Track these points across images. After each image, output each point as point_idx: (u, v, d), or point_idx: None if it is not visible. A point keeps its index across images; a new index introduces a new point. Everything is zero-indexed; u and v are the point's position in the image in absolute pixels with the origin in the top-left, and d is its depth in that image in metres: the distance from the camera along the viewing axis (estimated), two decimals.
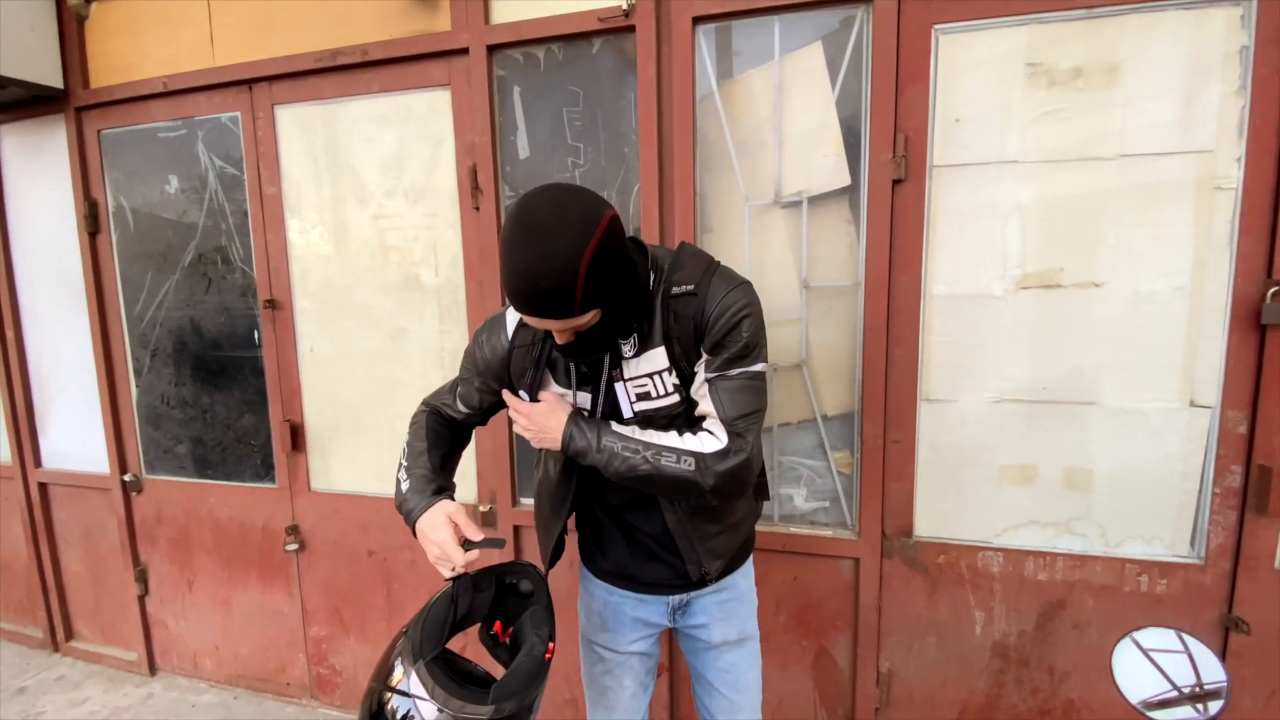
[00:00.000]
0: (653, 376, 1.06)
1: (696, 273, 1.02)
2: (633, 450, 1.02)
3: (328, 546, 2.20)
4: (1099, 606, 1.55)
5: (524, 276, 0.85)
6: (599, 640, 1.28)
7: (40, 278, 2.46)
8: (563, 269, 0.84)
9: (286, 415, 2.16)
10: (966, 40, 1.48)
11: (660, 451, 1.01)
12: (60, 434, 2.55)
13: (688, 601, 1.23)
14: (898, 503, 1.64)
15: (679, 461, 1.01)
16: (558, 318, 0.89)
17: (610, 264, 0.89)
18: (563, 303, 0.86)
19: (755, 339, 1.02)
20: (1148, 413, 1.48)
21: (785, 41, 1.58)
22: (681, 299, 1.01)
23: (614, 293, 0.93)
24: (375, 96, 1.92)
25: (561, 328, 0.93)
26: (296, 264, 2.09)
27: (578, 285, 0.85)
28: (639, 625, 1.25)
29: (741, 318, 0.99)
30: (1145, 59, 1.39)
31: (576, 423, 1.05)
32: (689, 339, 1.02)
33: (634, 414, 1.08)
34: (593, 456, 1.03)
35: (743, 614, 1.26)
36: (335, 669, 2.28)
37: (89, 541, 2.58)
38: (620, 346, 1.05)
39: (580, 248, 0.84)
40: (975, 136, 1.49)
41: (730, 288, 1.01)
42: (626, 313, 1.01)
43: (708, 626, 1.24)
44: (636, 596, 1.24)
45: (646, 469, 1.01)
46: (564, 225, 0.85)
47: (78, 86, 2.21)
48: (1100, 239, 1.45)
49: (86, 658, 2.66)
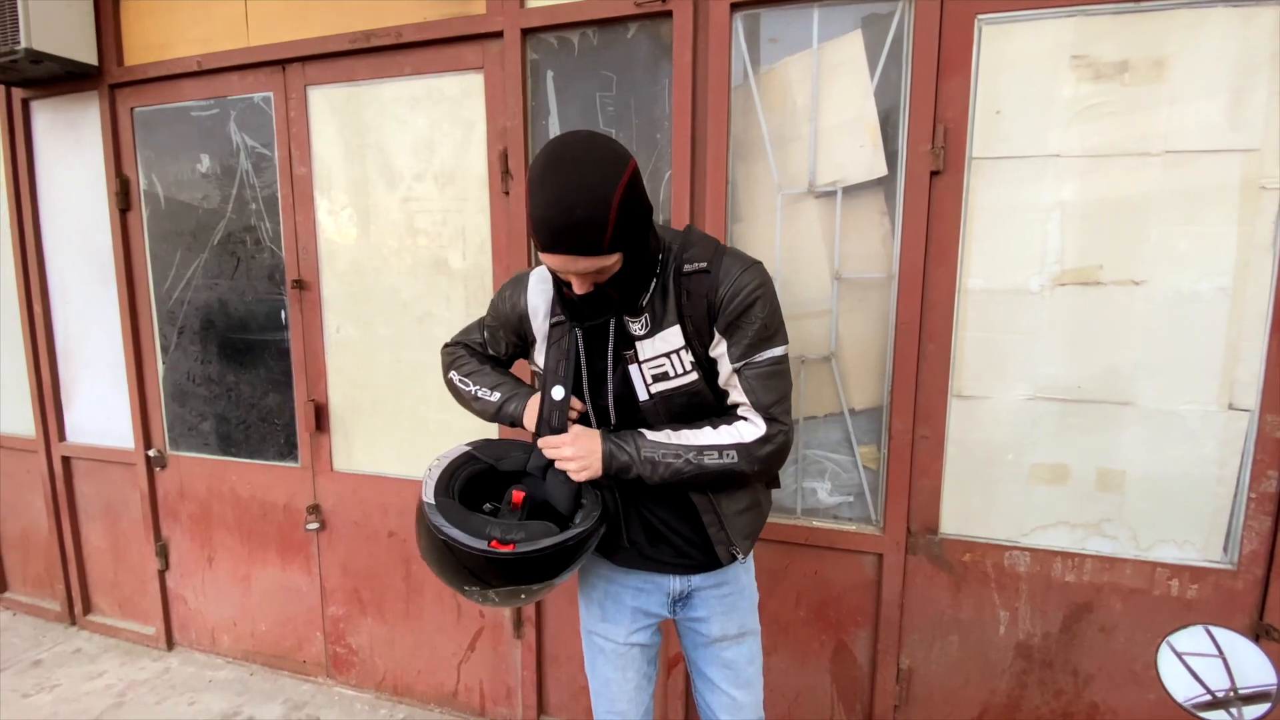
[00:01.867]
0: (669, 356, 1.06)
1: (707, 251, 1.04)
2: (674, 455, 1.03)
3: (348, 527, 2.21)
4: (1127, 610, 1.53)
5: (559, 205, 0.85)
6: (599, 631, 1.27)
7: (69, 253, 2.48)
8: (599, 199, 0.85)
9: (311, 395, 2.17)
10: (1011, 31, 1.45)
11: (702, 451, 1.03)
12: (85, 409, 2.58)
13: (688, 593, 1.22)
14: (924, 499, 1.62)
15: (722, 457, 1.02)
16: (587, 254, 0.88)
17: (637, 206, 0.91)
18: (594, 235, 0.86)
19: (772, 320, 1.03)
20: (1185, 415, 1.45)
21: (824, 29, 1.56)
22: (694, 277, 1.02)
23: (638, 239, 0.94)
24: (408, 79, 1.92)
25: (588, 268, 0.91)
26: (325, 245, 2.09)
27: (610, 217, 0.85)
28: (638, 615, 1.24)
29: (755, 298, 1.00)
30: (1192, 55, 1.37)
31: (612, 440, 1.05)
32: (702, 317, 1.03)
33: (650, 395, 1.07)
34: (636, 469, 1.04)
35: (743, 608, 1.24)
36: (352, 648, 2.29)
37: (110, 516, 2.61)
38: (630, 325, 1.06)
39: (615, 180, 0.86)
40: (1016, 129, 1.47)
41: (744, 267, 1.02)
42: (640, 272, 1.01)
43: (707, 620, 1.22)
44: (636, 585, 1.22)
45: (691, 470, 1.03)
46: (598, 160, 0.87)
47: (112, 64, 2.23)
48: (1142, 236, 1.43)
49: (104, 631, 2.69)
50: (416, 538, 1.08)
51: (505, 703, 2.13)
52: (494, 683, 2.13)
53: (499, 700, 2.13)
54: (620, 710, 1.28)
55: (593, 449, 1.05)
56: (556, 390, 1.11)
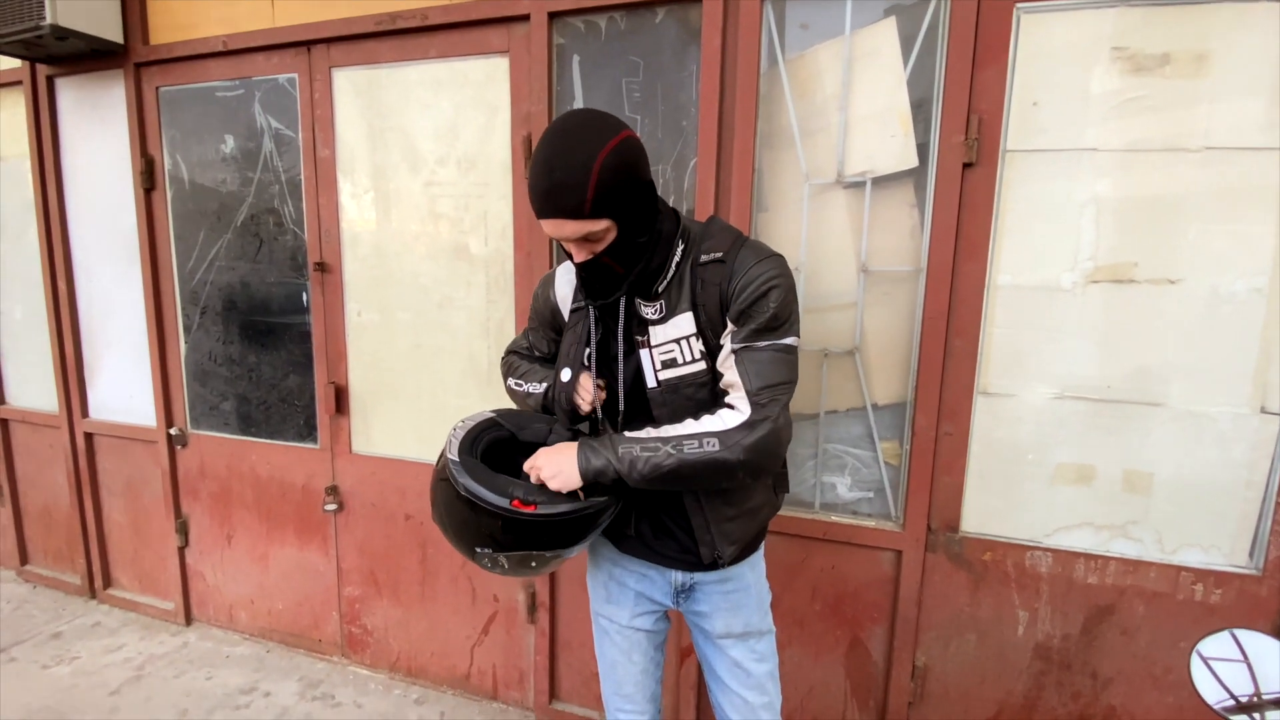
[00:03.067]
0: (679, 342, 1.05)
1: (725, 242, 1.05)
2: (652, 449, 0.99)
3: (365, 508, 2.22)
4: (1150, 614, 1.52)
5: (544, 169, 0.91)
6: (604, 613, 1.28)
7: (94, 231, 2.50)
8: (579, 164, 0.89)
9: (332, 378, 2.18)
10: (1050, 21, 1.42)
11: (679, 441, 0.99)
12: (108, 386, 2.61)
13: (691, 585, 1.21)
14: (946, 497, 1.61)
15: (702, 445, 0.98)
16: (571, 216, 0.92)
17: (624, 174, 0.92)
18: (575, 198, 0.90)
19: (784, 311, 1.01)
20: (1216, 417, 1.43)
21: (857, 16, 1.53)
22: (710, 266, 1.03)
23: (630, 208, 0.95)
24: (432, 62, 1.91)
25: (575, 231, 0.94)
26: (347, 228, 2.10)
27: (590, 181, 0.89)
28: (642, 600, 1.24)
29: (770, 288, 1.00)
30: (1235, 50, 1.33)
31: (587, 447, 1.03)
32: (715, 306, 1.03)
33: (659, 382, 1.07)
34: (615, 468, 1.00)
35: (748, 607, 1.22)
36: (367, 629, 2.32)
37: (131, 492, 2.64)
38: (643, 309, 1.06)
39: (598, 147, 0.90)
40: (1053, 122, 1.44)
41: (760, 258, 1.02)
42: (641, 246, 1.01)
43: (710, 616, 1.21)
44: (640, 570, 1.22)
45: (671, 462, 0.98)
46: (584, 129, 0.92)
47: (138, 42, 2.24)
48: (1179, 234, 1.40)
49: (123, 605, 2.74)
50: (432, 500, 1.09)
51: (518, 686, 2.14)
52: (507, 666, 2.14)
53: (511, 684, 2.15)
54: (627, 693, 1.28)
55: (565, 459, 1.03)
56: (565, 372, 1.13)
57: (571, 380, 1.12)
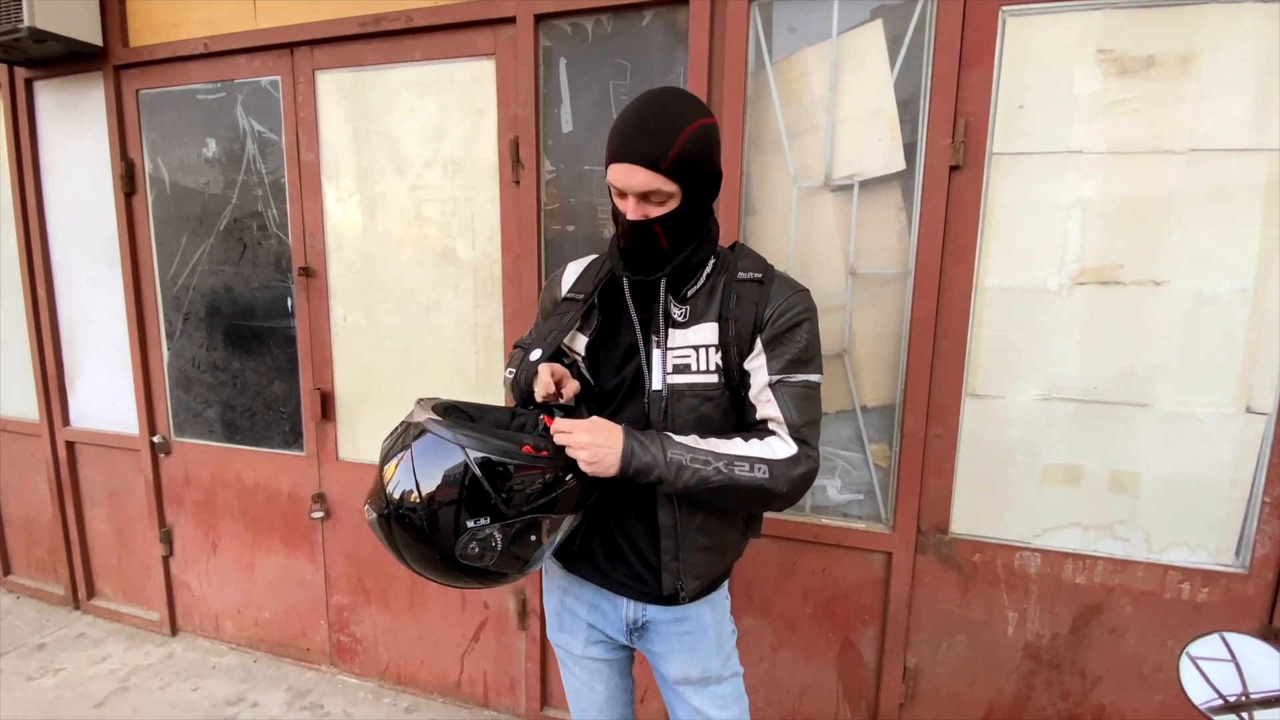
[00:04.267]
0: (697, 349, 1.02)
1: (760, 265, 1.06)
2: (703, 461, 0.94)
3: (352, 515, 2.20)
4: (1137, 613, 1.52)
5: (636, 116, 0.93)
6: (558, 641, 1.23)
7: (74, 236, 2.46)
8: (672, 121, 0.91)
9: (317, 384, 2.15)
10: (1035, 23, 1.42)
11: (733, 461, 0.95)
12: (89, 393, 2.57)
13: (645, 623, 1.13)
14: (935, 498, 1.61)
15: (753, 470, 0.95)
16: (648, 165, 0.91)
17: (705, 151, 0.94)
18: (658, 149, 0.90)
19: (814, 345, 1.03)
20: (1201, 417, 1.44)
21: (844, 19, 1.53)
22: (748, 284, 1.03)
23: (698, 184, 0.95)
24: (418, 64, 1.89)
25: (645, 182, 0.92)
26: (332, 232, 2.07)
27: (679, 138, 0.90)
28: (593, 631, 1.18)
29: (803, 319, 1.01)
30: (1220, 51, 1.34)
31: (635, 437, 0.96)
32: (748, 323, 1.01)
33: (664, 386, 1.02)
34: (659, 471, 0.94)
35: (705, 650, 1.12)
36: (356, 637, 2.29)
37: (115, 501, 2.60)
38: (673, 309, 1.03)
39: (693, 115, 0.93)
40: (1039, 124, 1.44)
41: (795, 290, 1.03)
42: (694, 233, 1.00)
43: (665, 657, 1.14)
44: (590, 600, 1.16)
45: (720, 480, 0.94)
46: (683, 98, 0.95)
47: (117, 45, 2.20)
48: (1164, 236, 1.40)
49: (108, 616, 2.70)
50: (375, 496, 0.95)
51: (509, 694, 2.13)
52: (497, 674, 2.13)
53: (502, 691, 2.14)
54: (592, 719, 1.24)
55: (611, 442, 0.94)
56: (535, 352, 1.06)
57: (538, 361, 1.05)
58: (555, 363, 1.08)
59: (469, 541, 0.89)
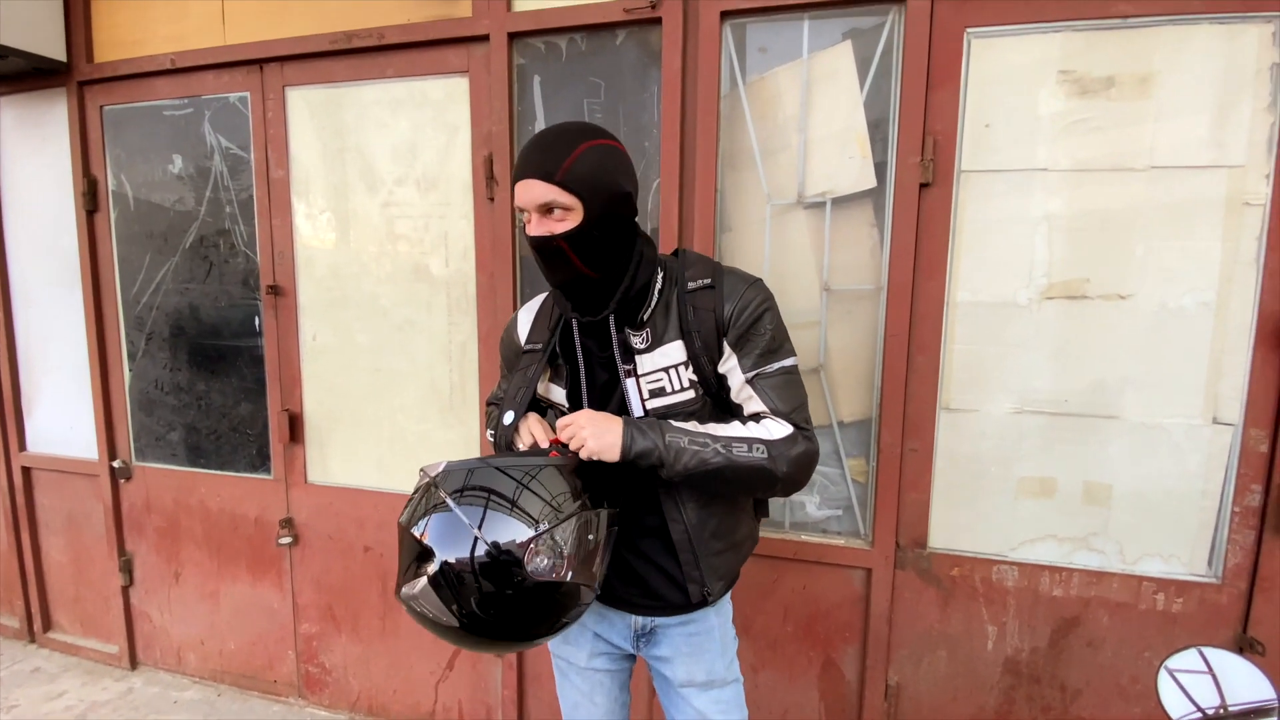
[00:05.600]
0: (668, 370, 1.03)
1: (708, 269, 1.06)
2: (701, 444, 0.96)
3: (322, 540, 2.14)
4: (1114, 624, 1.53)
5: (535, 138, 0.97)
6: (560, 653, 1.23)
7: (33, 255, 2.39)
8: (568, 139, 0.94)
9: (285, 405, 2.10)
10: (999, 45, 1.46)
11: (730, 442, 0.97)
12: (47, 417, 2.48)
13: (652, 629, 1.14)
14: (913, 513, 1.61)
15: (751, 450, 0.96)
16: (542, 176, 0.92)
17: (603, 168, 0.95)
18: (551, 162, 0.92)
19: (780, 332, 1.04)
20: (1170, 428, 1.46)
21: (814, 40, 1.55)
22: (699, 293, 1.03)
23: (598, 201, 0.94)
24: (390, 81, 1.88)
25: (541, 194, 0.93)
26: (302, 250, 2.03)
27: (573, 152, 0.92)
28: (599, 641, 1.19)
29: (763, 311, 1.02)
30: (1178, 71, 1.38)
31: (633, 424, 0.97)
32: (710, 332, 1.02)
33: (645, 412, 1.04)
34: (659, 454, 0.95)
35: (712, 652, 1.15)
36: (325, 668, 2.21)
37: (72, 529, 2.50)
38: (632, 338, 1.04)
39: (590, 134, 0.96)
40: (1005, 142, 1.47)
41: (748, 284, 1.04)
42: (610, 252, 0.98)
43: (671, 661, 1.15)
44: (598, 610, 1.17)
45: (719, 461, 0.95)
46: (582, 124, 0.99)
47: (81, 60, 2.16)
48: (1128, 251, 1.43)
49: (64, 649, 2.58)
50: None
51: None
52: (473, 702, 2.07)
53: None
54: None
55: (611, 427, 0.96)
56: (507, 416, 1.07)
57: (513, 425, 1.07)
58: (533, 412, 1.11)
59: (537, 554, 0.87)
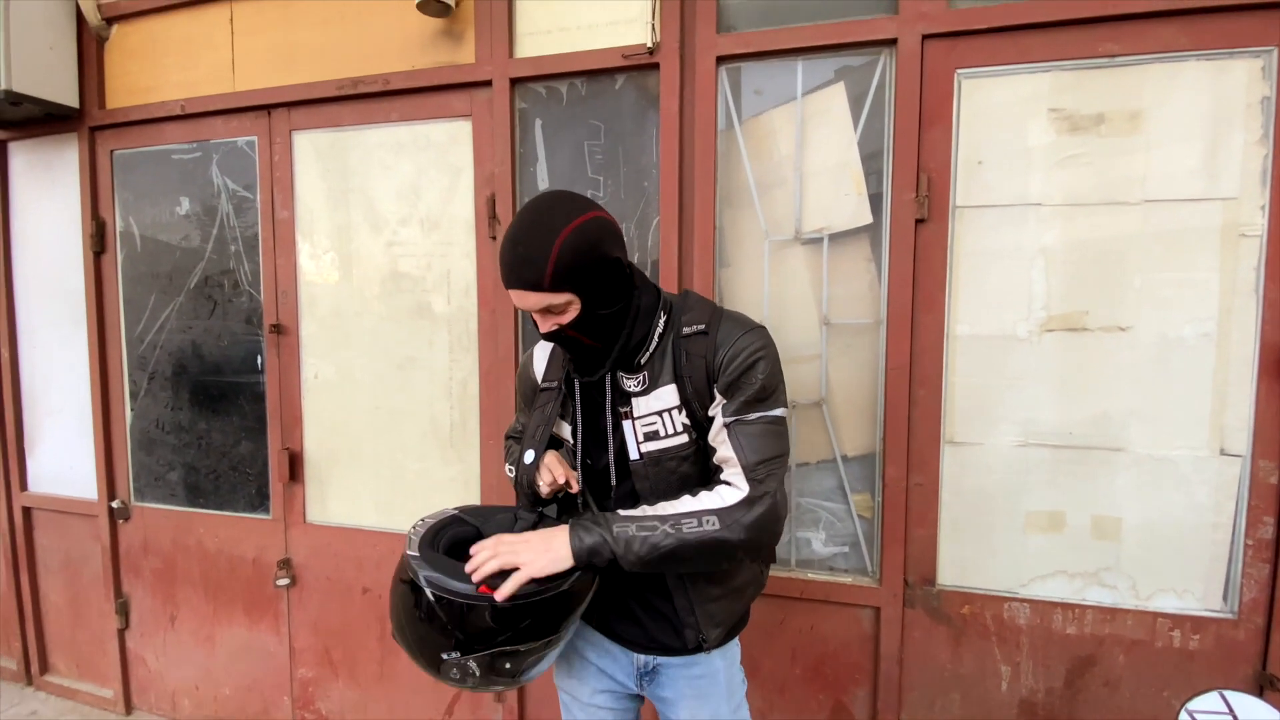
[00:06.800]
0: (661, 414, 1.03)
1: (705, 314, 1.05)
2: (649, 528, 0.94)
3: (320, 582, 2.10)
4: (1130, 663, 1.49)
5: (508, 243, 0.94)
6: (564, 686, 1.22)
7: (40, 296, 2.41)
8: (541, 239, 0.91)
9: (286, 443, 2.09)
10: (989, 84, 1.49)
11: (678, 520, 0.94)
12: (49, 457, 2.47)
13: (655, 667, 1.13)
14: (920, 549, 1.58)
15: (701, 524, 0.94)
16: (530, 287, 0.93)
17: (586, 251, 0.93)
18: (535, 271, 0.91)
19: (772, 382, 1.00)
20: (1177, 460, 1.44)
21: (808, 81, 1.59)
22: (692, 339, 1.03)
23: (590, 283, 0.95)
24: (394, 125, 1.92)
25: (536, 303, 0.95)
26: (305, 289, 2.05)
27: (550, 255, 0.90)
28: (602, 677, 1.17)
29: (757, 359, 0.99)
30: (1168, 107, 1.41)
31: (578, 525, 0.97)
32: (701, 378, 1.01)
33: (640, 455, 1.05)
34: (610, 548, 0.93)
35: (716, 697, 1.13)
36: (322, 714, 2.16)
37: (70, 570, 2.47)
38: (625, 382, 1.05)
39: (563, 223, 0.92)
40: (998, 178, 1.49)
41: (744, 330, 1.01)
42: (612, 322, 1.00)
43: (674, 703, 1.13)
44: (602, 645, 1.16)
45: (670, 543, 0.93)
46: (550, 209, 0.94)
47: (93, 106, 2.21)
48: (1126, 283, 1.44)
49: (61, 693, 2.52)
50: (390, 609, 1.01)
51: None
52: None
53: None
54: None
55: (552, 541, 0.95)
56: (528, 455, 1.09)
57: (534, 463, 1.07)
58: (553, 450, 1.11)
59: (447, 668, 0.93)
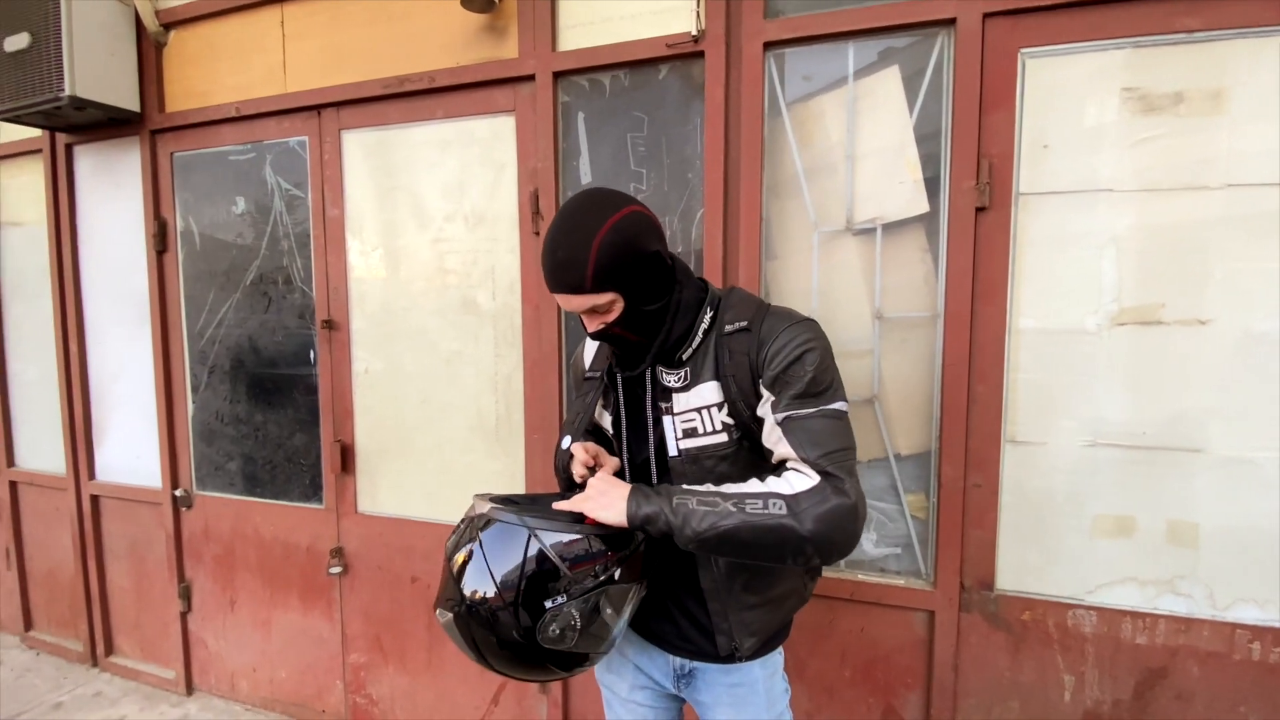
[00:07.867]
0: (700, 411, 1.01)
1: (749, 310, 1.03)
2: (711, 504, 0.89)
3: (371, 571, 2.16)
4: (1205, 676, 1.41)
5: (548, 248, 0.94)
6: (605, 681, 1.23)
7: (106, 293, 2.52)
8: (579, 241, 0.91)
9: (338, 436, 2.14)
10: (1055, 64, 1.41)
11: (742, 499, 0.89)
12: (115, 447, 2.59)
13: (691, 670, 1.12)
14: (978, 552, 1.52)
15: (767, 506, 0.87)
16: (574, 291, 0.93)
17: (624, 249, 0.92)
18: (575, 274, 0.91)
19: (824, 375, 0.96)
20: (1260, 463, 1.35)
21: (859, 64, 1.53)
22: (735, 335, 1.01)
23: (632, 281, 0.95)
24: (439, 122, 1.94)
25: (580, 305, 0.95)
26: (355, 285, 2.09)
27: (589, 257, 0.90)
28: (639, 674, 1.17)
29: (804, 351, 0.95)
30: (1253, 85, 1.31)
31: (640, 489, 0.95)
32: (745, 376, 0.99)
33: (679, 451, 1.03)
34: (666, 519, 0.90)
35: (755, 706, 1.10)
36: (373, 698, 2.21)
37: (135, 555, 2.59)
38: (666, 377, 1.04)
39: (599, 223, 0.92)
40: (1065, 163, 1.41)
41: (790, 323, 0.98)
42: (657, 316, 1.00)
43: (712, 708, 1.12)
44: (639, 642, 1.15)
45: (731, 522, 0.87)
46: (586, 210, 0.94)
47: (153, 110, 2.29)
48: (1206, 273, 1.35)
49: (124, 674, 2.65)
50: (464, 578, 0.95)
51: None
52: None
53: None
54: None
55: (615, 492, 0.95)
56: (565, 440, 1.10)
57: (569, 449, 1.09)
58: (591, 441, 1.11)
59: (550, 623, 0.90)
